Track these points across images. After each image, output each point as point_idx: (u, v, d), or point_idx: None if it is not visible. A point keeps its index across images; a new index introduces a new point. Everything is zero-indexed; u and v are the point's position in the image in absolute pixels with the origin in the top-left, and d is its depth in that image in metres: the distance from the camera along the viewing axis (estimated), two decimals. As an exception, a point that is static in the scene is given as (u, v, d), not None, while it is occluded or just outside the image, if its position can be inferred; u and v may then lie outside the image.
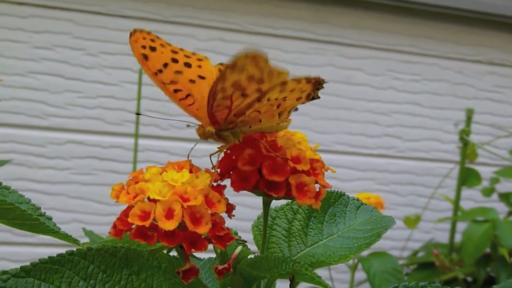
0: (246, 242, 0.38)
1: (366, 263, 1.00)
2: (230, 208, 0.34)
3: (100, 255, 0.34)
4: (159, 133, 1.30)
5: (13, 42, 1.23)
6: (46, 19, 1.24)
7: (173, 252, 0.37)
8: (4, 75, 1.21)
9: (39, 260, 0.33)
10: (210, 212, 0.32)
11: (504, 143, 1.44)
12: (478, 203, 1.39)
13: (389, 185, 1.45)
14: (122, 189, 0.34)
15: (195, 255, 0.40)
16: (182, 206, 0.31)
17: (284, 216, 0.41)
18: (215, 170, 0.35)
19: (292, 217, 0.41)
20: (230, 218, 0.34)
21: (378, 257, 1.02)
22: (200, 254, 0.42)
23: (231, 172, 0.34)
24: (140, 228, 0.31)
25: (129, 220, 0.31)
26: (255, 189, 0.34)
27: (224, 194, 0.34)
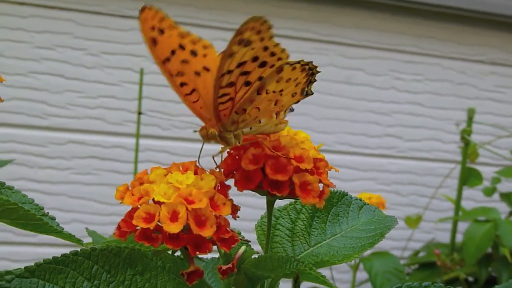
0: (249, 242, 0.38)
1: (368, 263, 1.00)
2: (234, 210, 0.34)
3: (104, 255, 0.34)
4: (160, 133, 1.30)
5: (14, 42, 1.23)
6: (47, 19, 1.24)
7: (177, 252, 0.37)
8: (5, 75, 1.21)
9: (43, 261, 0.33)
10: (215, 215, 0.32)
11: (505, 143, 1.44)
12: (479, 203, 1.39)
13: (391, 185, 1.45)
14: (127, 190, 0.34)
15: (199, 256, 0.40)
16: (187, 209, 0.31)
17: (287, 216, 0.41)
18: (219, 170, 0.35)
19: (296, 217, 0.41)
20: (235, 219, 0.34)
21: (380, 257, 1.02)
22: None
23: (235, 172, 0.34)
24: (145, 231, 0.31)
25: (134, 222, 0.31)
26: (258, 189, 0.34)
27: (229, 195, 0.34)
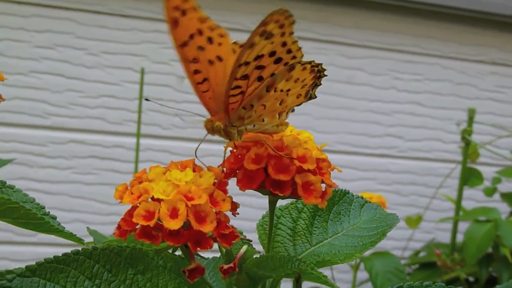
0: (251, 241, 0.38)
1: (368, 263, 1.00)
2: (234, 207, 0.34)
3: (105, 255, 0.34)
4: (161, 133, 1.30)
5: (15, 41, 1.23)
6: (48, 19, 1.24)
7: (178, 252, 0.37)
8: (6, 74, 1.20)
9: (44, 260, 0.33)
10: (214, 211, 0.32)
11: (506, 143, 1.44)
12: (480, 203, 1.38)
13: (391, 185, 1.45)
14: (126, 190, 0.34)
15: (200, 254, 0.40)
16: (186, 205, 0.31)
17: (289, 215, 0.41)
18: (221, 168, 0.35)
19: (297, 216, 0.41)
20: (235, 216, 0.34)
21: (380, 256, 1.02)
22: (204, 254, 0.41)
23: (237, 171, 0.34)
24: (145, 228, 0.31)
25: (134, 220, 0.31)
26: (261, 188, 0.34)
27: (228, 192, 0.34)
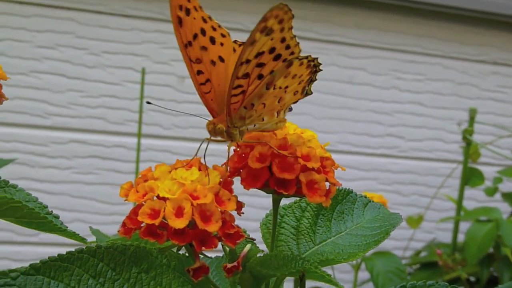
0: (255, 240, 0.38)
1: (370, 263, 1.00)
2: (239, 206, 0.34)
3: (109, 253, 0.34)
4: (162, 133, 1.30)
5: (16, 41, 1.23)
6: (49, 19, 1.24)
7: (182, 250, 0.37)
8: (7, 74, 1.21)
9: (48, 258, 0.33)
10: (220, 210, 0.32)
11: (507, 143, 1.44)
12: (481, 203, 1.38)
13: (392, 184, 1.45)
14: (131, 188, 0.34)
15: (204, 253, 0.40)
16: (192, 204, 0.31)
17: (292, 214, 0.41)
18: (225, 167, 0.35)
19: (301, 215, 0.41)
20: (240, 215, 0.34)
21: (382, 256, 1.02)
22: (207, 253, 0.41)
23: (241, 170, 0.34)
24: (150, 227, 0.31)
25: (139, 218, 0.31)
26: (265, 187, 0.34)
27: (233, 191, 0.34)
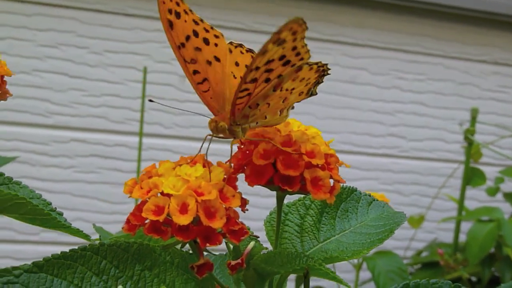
0: (258, 237, 0.38)
1: (371, 262, 1.00)
2: (243, 203, 0.34)
3: (113, 251, 0.34)
4: (163, 132, 1.30)
5: (18, 40, 1.22)
6: (50, 17, 1.24)
7: (185, 248, 0.37)
8: (8, 73, 1.21)
9: (51, 255, 0.33)
10: (224, 207, 0.32)
11: (508, 143, 1.44)
12: (482, 203, 1.38)
13: (393, 184, 1.45)
14: (135, 184, 0.34)
15: (208, 250, 0.40)
16: (196, 201, 0.31)
17: (296, 212, 0.41)
18: (229, 164, 0.35)
19: (305, 212, 0.41)
20: (244, 212, 0.34)
21: (383, 256, 1.02)
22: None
23: (245, 167, 0.34)
24: (154, 223, 0.31)
25: (143, 215, 0.31)
26: (269, 184, 0.34)
27: (237, 188, 0.33)
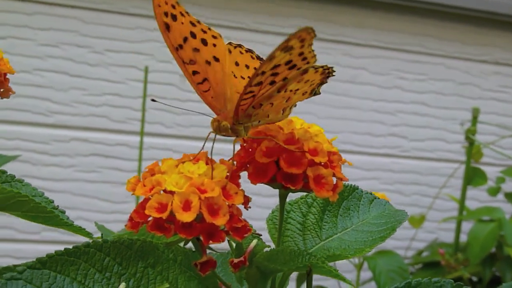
0: (261, 235, 0.38)
1: (372, 262, 1.00)
2: (246, 200, 0.34)
3: (116, 248, 0.34)
4: (164, 131, 1.30)
5: (19, 39, 1.23)
6: (52, 17, 1.24)
7: (188, 245, 0.37)
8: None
9: (55, 252, 0.33)
10: (227, 204, 0.32)
11: (509, 143, 1.44)
12: (483, 203, 1.38)
13: (394, 184, 1.45)
14: (138, 182, 0.34)
15: (211, 248, 0.40)
16: (199, 198, 0.31)
17: (298, 210, 0.41)
18: (231, 161, 0.35)
19: (307, 210, 0.41)
20: (247, 209, 0.34)
21: (384, 256, 1.02)
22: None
23: (248, 164, 0.34)
24: (157, 220, 0.31)
25: (146, 212, 0.31)
26: (272, 182, 0.34)
27: (240, 185, 0.34)
